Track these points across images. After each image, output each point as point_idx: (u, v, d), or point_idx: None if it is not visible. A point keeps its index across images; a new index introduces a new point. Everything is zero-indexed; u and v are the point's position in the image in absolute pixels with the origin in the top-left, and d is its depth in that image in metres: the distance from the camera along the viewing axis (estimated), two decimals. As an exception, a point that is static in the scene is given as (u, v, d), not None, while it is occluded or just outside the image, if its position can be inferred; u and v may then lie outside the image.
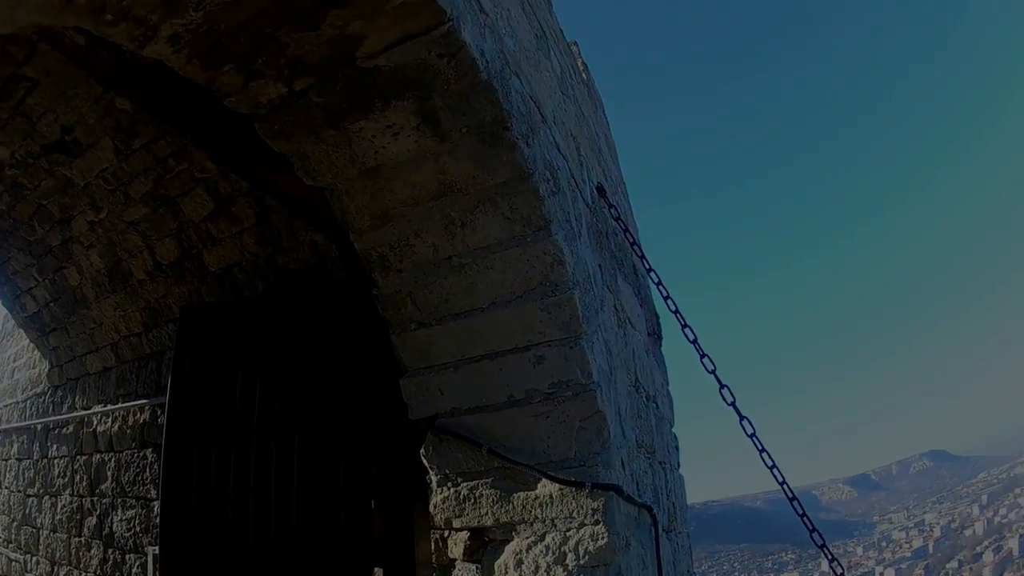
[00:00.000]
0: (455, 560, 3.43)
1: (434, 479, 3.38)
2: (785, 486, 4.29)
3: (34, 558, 8.27)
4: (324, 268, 4.46)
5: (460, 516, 3.34)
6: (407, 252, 3.33)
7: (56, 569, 7.86)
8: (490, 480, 3.27)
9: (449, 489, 3.35)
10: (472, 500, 3.30)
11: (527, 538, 3.24)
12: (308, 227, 4.45)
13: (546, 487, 3.19)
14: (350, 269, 3.86)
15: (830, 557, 4.72)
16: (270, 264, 4.85)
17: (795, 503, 4.44)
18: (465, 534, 3.35)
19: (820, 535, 4.56)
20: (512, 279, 3.22)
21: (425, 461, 3.38)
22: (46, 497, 8.22)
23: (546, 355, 3.18)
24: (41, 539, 8.21)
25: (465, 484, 3.31)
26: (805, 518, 4.47)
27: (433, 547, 3.49)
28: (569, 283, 3.16)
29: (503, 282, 3.23)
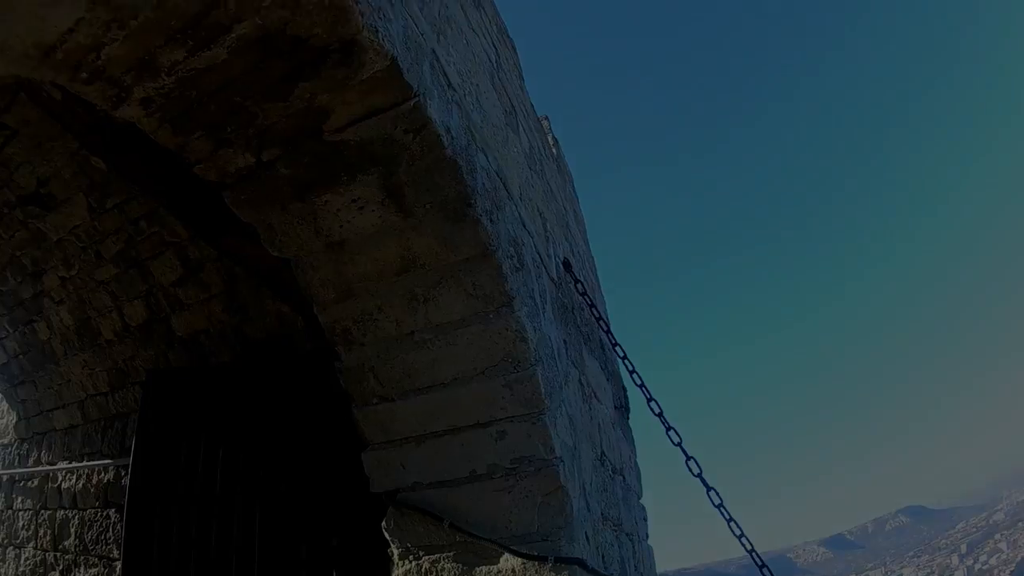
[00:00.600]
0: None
1: (396, 552, 3.38)
2: (754, 554, 4.31)
3: (-4, 611, 8.09)
4: (290, 339, 4.47)
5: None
6: (370, 327, 3.36)
7: (18, 624, 7.70)
8: (452, 554, 3.27)
9: (411, 563, 3.34)
10: (434, 574, 3.30)
11: (490, 612, 3.24)
12: (275, 297, 4.47)
13: (508, 561, 3.20)
14: (315, 341, 3.89)
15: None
16: (236, 333, 4.86)
17: (765, 571, 4.46)
18: (430, 604, 3.34)
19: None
20: (474, 355, 3.25)
21: (387, 534, 3.38)
22: (10, 548, 8.07)
23: (508, 431, 3.21)
24: (4, 593, 8.04)
25: (427, 558, 3.31)
26: (771, 582, 4.50)
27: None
28: (531, 360, 3.20)
29: (465, 358, 3.26)
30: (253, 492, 4.10)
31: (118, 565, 5.48)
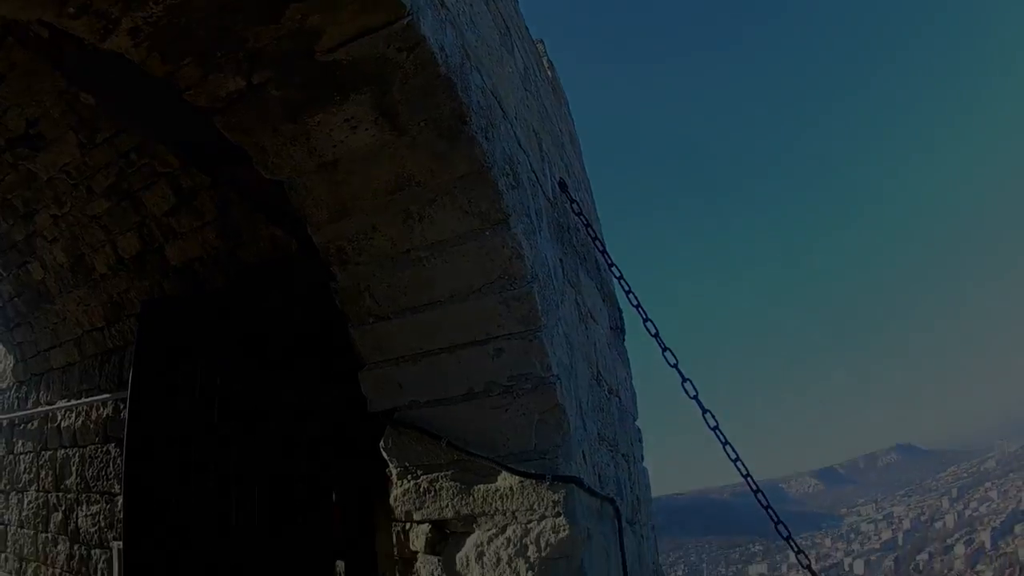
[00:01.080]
0: (416, 553, 3.43)
1: (394, 472, 3.38)
2: (749, 478, 4.34)
3: (2, 555, 8.18)
4: (284, 262, 4.43)
5: (421, 509, 3.35)
6: (365, 245, 3.32)
7: (24, 566, 7.78)
8: (450, 473, 3.28)
9: (409, 482, 3.35)
10: (432, 493, 3.31)
11: (488, 531, 3.25)
12: (268, 221, 4.42)
13: (506, 479, 3.21)
14: (310, 263, 3.84)
15: (796, 549, 4.78)
16: (231, 258, 4.81)
17: (759, 495, 4.49)
18: (426, 527, 3.35)
19: (786, 527, 4.62)
20: (471, 273, 3.22)
21: (385, 454, 3.38)
22: (12, 493, 8.14)
23: (505, 348, 3.19)
24: (9, 536, 8.12)
25: (425, 477, 3.32)
26: (770, 510, 4.52)
27: (395, 540, 3.49)
28: (528, 277, 3.17)
29: (461, 275, 3.23)
30: (252, 416, 4.10)
31: (120, 500, 5.51)
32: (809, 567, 4.83)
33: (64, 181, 5.84)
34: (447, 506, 3.29)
